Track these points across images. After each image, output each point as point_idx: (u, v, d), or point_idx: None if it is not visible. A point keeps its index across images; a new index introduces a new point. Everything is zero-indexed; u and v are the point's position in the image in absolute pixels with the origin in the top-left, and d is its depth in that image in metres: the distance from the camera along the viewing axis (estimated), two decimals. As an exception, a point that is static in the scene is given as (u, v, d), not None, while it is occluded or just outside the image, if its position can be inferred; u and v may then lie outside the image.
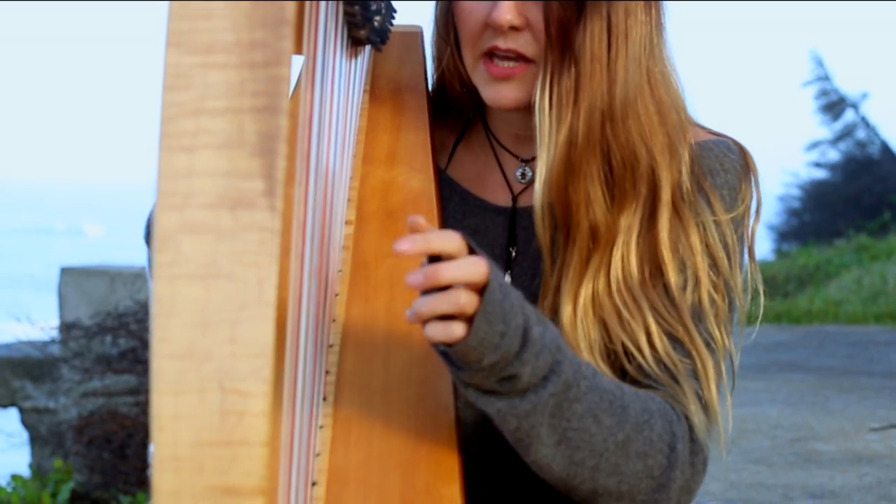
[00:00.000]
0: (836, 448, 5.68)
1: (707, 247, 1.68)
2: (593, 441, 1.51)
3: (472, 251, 1.42)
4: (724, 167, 1.73)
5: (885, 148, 23.23)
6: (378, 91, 1.95)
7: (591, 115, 1.64)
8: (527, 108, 1.69)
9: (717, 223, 1.69)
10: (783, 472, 5.09)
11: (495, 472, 1.75)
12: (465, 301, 1.38)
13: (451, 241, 1.39)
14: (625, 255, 1.66)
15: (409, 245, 1.36)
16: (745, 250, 1.75)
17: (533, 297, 1.71)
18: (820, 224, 21.74)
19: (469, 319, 1.40)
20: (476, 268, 1.39)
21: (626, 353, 1.65)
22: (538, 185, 1.67)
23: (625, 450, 1.53)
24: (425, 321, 1.40)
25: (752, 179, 1.75)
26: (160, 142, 0.86)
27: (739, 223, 1.73)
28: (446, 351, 1.44)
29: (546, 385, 1.46)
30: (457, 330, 1.39)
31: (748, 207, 1.74)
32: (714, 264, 1.68)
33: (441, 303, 1.38)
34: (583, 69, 1.63)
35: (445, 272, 1.37)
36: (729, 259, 1.70)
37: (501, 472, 1.75)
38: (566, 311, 1.65)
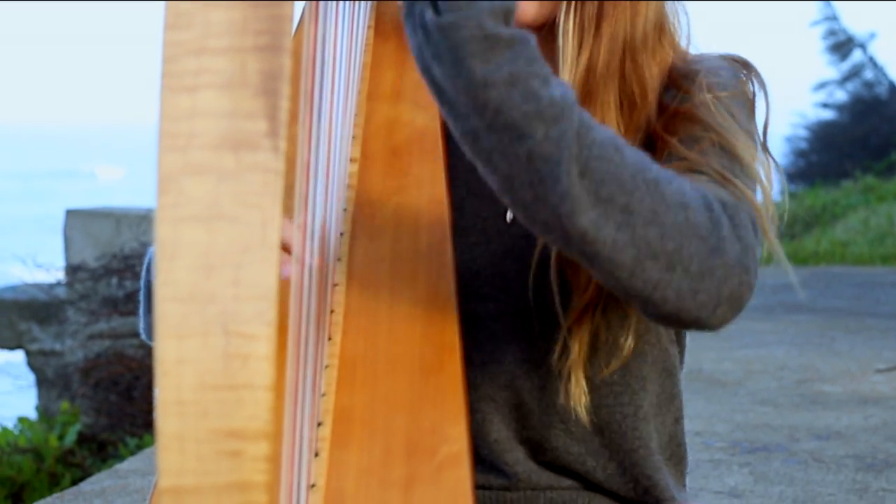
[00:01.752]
0: (843, 389, 5.69)
1: (715, 121, 1.59)
2: (619, 173, 1.33)
3: None
4: (719, 65, 1.68)
5: (893, 88, 23.19)
6: (383, 27, 1.94)
7: (613, 44, 1.62)
8: (545, 31, 1.67)
9: (717, 99, 1.62)
10: (789, 413, 5.10)
11: (508, 409, 1.75)
12: None
13: None
14: None
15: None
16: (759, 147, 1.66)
17: None
18: (827, 165, 21.72)
19: None
20: None
21: None
22: None
23: (658, 192, 1.35)
24: None
25: (753, 78, 1.69)
26: (161, 82, 0.85)
27: (744, 104, 1.65)
28: None
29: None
30: None
31: (753, 95, 1.68)
32: (723, 142, 1.57)
33: None
34: None
35: None
36: (738, 132, 1.59)
37: (514, 408, 1.75)
38: None
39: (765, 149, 1.65)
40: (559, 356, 1.68)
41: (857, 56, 23.32)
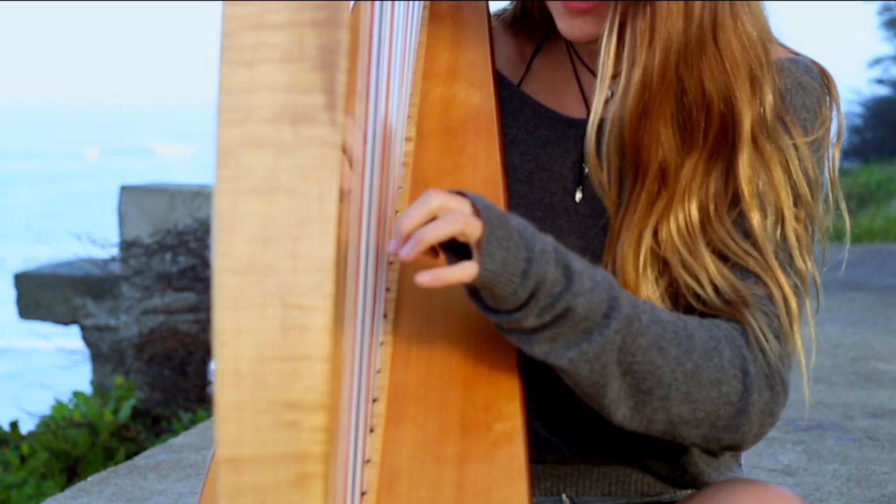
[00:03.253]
0: (897, 367, 5.66)
1: (788, 177, 1.64)
2: (660, 373, 1.49)
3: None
4: (803, 87, 1.68)
5: (950, 65, 22.92)
6: (438, 6, 1.94)
7: (667, 56, 1.59)
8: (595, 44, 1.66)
9: (796, 147, 1.65)
10: (843, 392, 5.07)
11: (556, 390, 1.75)
12: (469, 221, 1.39)
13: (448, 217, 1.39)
14: (695, 193, 1.62)
15: (428, 278, 1.37)
16: (826, 173, 1.71)
17: (606, 211, 1.68)
18: (882, 141, 21.51)
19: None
20: (445, 200, 1.39)
21: (689, 290, 1.62)
22: (591, 122, 1.63)
23: (695, 378, 1.51)
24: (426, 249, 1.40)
25: (832, 102, 1.71)
26: (220, 56, 0.86)
27: (819, 145, 1.68)
28: (477, 293, 1.45)
29: (609, 322, 1.45)
30: (469, 268, 1.40)
31: (828, 130, 1.70)
32: (797, 196, 1.64)
33: (445, 224, 1.38)
34: (658, 8, 1.58)
35: (409, 215, 1.38)
36: (811, 188, 1.65)
37: (562, 389, 1.75)
38: (628, 253, 1.62)
39: (832, 181, 1.71)
40: None
41: (913, 32, 23.07)
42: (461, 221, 1.39)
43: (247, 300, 0.84)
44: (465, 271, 1.40)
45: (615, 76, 1.62)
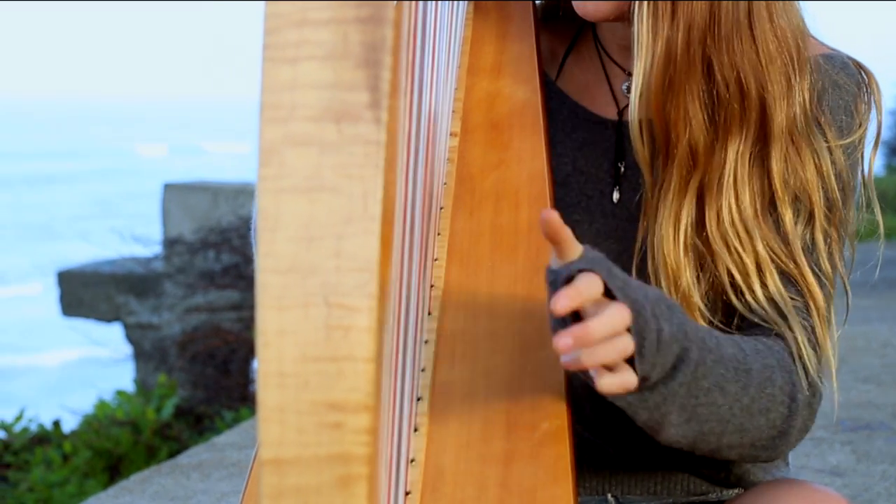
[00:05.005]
0: (947, 366, 5.61)
1: (821, 179, 1.63)
2: (720, 412, 1.50)
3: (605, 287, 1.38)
4: (839, 86, 1.66)
5: None
6: (483, 1, 1.92)
7: (690, 31, 1.59)
8: (629, 20, 1.65)
9: (830, 150, 1.64)
10: (893, 391, 5.03)
11: (602, 401, 1.74)
12: (627, 346, 1.37)
13: (595, 288, 1.35)
14: (738, 186, 1.61)
15: (566, 301, 1.32)
16: (860, 174, 1.69)
17: (640, 213, 1.68)
18: (933, 139, 21.35)
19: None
20: (622, 317, 1.36)
21: (734, 286, 1.61)
22: (633, 97, 1.63)
23: (749, 411, 1.52)
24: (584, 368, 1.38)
25: (872, 100, 1.69)
26: (263, 53, 0.85)
27: (854, 147, 1.67)
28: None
29: (676, 375, 1.45)
30: (631, 378, 1.39)
31: (865, 131, 1.68)
32: (828, 197, 1.64)
33: (608, 353, 1.36)
34: None
35: (597, 331, 1.33)
36: (843, 191, 1.65)
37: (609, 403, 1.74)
38: (668, 232, 1.62)
39: (865, 181, 1.70)
40: None
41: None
42: (619, 353, 1.37)
43: (290, 300, 0.83)
44: (626, 384, 1.39)
45: None
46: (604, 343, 1.34)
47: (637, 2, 1.60)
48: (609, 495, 1.77)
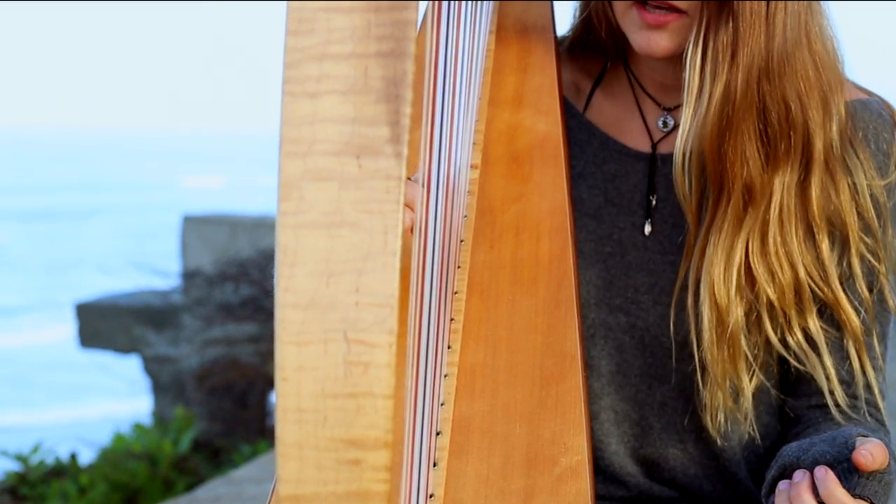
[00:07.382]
0: None
1: (857, 206, 1.64)
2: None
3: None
4: (877, 129, 1.67)
5: None
6: (504, 32, 1.92)
7: (749, 72, 1.59)
8: (675, 58, 1.65)
9: (869, 187, 1.65)
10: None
11: (628, 423, 1.73)
12: None
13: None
14: (784, 215, 1.62)
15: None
16: None
17: (674, 245, 1.69)
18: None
19: None
20: None
21: (772, 318, 1.63)
22: (681, 136, 1.63)
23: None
24: None
25: None
26: (283, 87, 0.84)
27: (893, 189, 1.68)
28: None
29: None
30: None
31: None
32: (865, 226, 1.64)
33: None
34: (741, 24, 1.58)
35: None
36: (881, 220, 1.65)
37: (635, 423, 1.73)
38: (719, 269, 1.62)
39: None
40: (703, 382, 1.68)
41: None
42: None
43: (309, 335, 0.83)
44: None
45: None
46: None
47: (693, 44, 1.61)
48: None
